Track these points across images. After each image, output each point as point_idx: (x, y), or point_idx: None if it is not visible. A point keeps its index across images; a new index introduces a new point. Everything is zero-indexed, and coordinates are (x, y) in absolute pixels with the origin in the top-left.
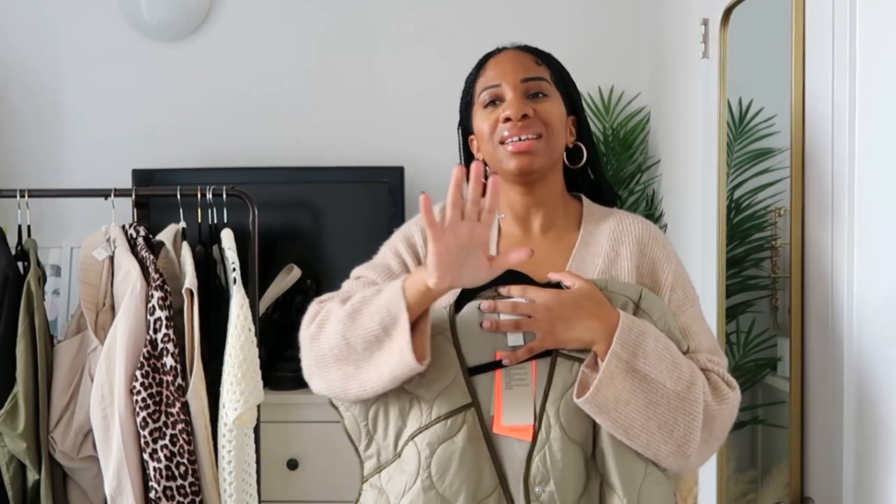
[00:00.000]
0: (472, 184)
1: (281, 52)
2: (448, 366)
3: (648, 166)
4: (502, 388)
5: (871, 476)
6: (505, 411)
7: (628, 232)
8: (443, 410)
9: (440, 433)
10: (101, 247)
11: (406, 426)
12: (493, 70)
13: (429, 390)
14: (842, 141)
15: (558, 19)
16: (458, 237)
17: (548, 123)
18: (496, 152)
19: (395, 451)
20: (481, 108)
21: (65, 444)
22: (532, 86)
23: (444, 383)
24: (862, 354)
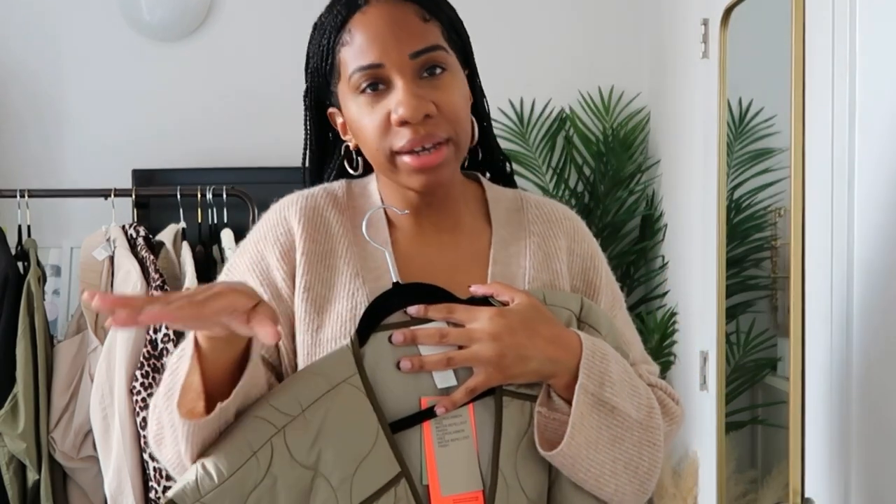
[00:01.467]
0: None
1: (281, 52)
2: (363, 425)
3: (648, 166)
4: (434, 446)
5: (871, 476)
6: (443, 477)
7: (554, 222)
8: (366, 491)
9: None
10: (101, 247)
11: None
12: (365, 37)
13: (340, 464)
14: (842, 141)
15: (558, 19)
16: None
17: (455, 119)
18: (389, 162)
19: None
20: (354, 92)
21: (65, 444)
22: (425, 60)
23: (362, 451)
24: (862, 354)
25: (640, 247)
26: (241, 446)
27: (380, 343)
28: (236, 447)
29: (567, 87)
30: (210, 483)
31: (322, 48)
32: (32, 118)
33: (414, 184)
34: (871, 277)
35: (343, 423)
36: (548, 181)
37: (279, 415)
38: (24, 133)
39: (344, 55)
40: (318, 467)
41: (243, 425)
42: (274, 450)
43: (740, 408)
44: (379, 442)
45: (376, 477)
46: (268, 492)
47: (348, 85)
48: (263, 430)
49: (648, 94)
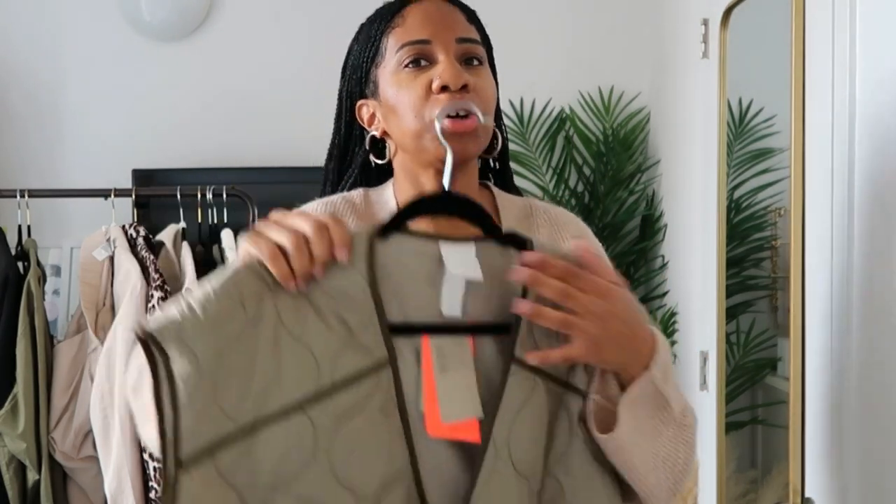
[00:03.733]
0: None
1: (281, 52)
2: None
3: (648, 166)
4: (435, 370)
5: (871, 476)
6: (444, 403)
7: (560, 228)
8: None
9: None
10: (101, 247)
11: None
12: (418, 20)
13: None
14: (842, 141)
15: (558, 19)
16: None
17: (486, 102)
18: (425, 131)
19: (254, 423)
20: (398, 68)
21: (65, 444)
22: (468, 49)
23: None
24: (861, 354)
25: (640, 247)
26: (231, 292)
27: (401, 242)
28: (226, 292)
29: (567, 87)
30: (192, 318)
31: (370, 36)
32: (32, 118)
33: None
34: (870, 278)
35: (338, 305)
36: (548, 181)
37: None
38: (24, 133)
39: (392, 37)
40: (303, 337)
41: (239, 274)
42: (263, 304)
43: (740, 408)
44: (371, 328)
45: (361, 360)
46: (248, 341)
47: (392, 64)
48: (257, 284)
49: (648, 94)
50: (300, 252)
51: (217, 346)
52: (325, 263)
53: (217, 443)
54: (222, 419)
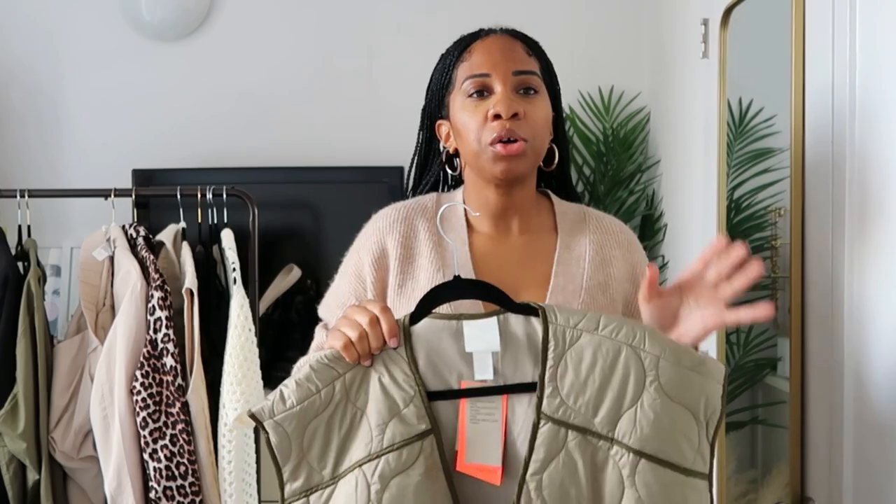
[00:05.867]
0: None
1: (281, 52)
2: (403, 384)
3: (648, 166)
4: (467, 420)
5: (871, 476)
6: (469, 447)
7: (611, 234)
8: (397, 437)
9: (393, 465)
10: (101, 247)
11: (349, 450)
12: (481, 56)
13: (380, 411)
14: (842, 141)
15: (558, 19)
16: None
17: (535, 128)
18: (480, 152)
19: (333, 475)
20: (464, 97)
21: (65, 444)
22: (524, 80)
23: (399, 405)
24: (862, 354)
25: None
26: (308, 384)
27: (432, 325)
28: (305, 384)
29: (567, 87)
30: (281, 407)
31: (444, 67)
32: (32, 118)
33: (496, 170)
34: (870, 278)
35: (390, 382)
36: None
37: (344, 364)
38: (24, 133)
39: (461, 69)
40: (364, 410)
41: (318, 367)
42: (335, 389)
43: (740, 408)
44: (415, 402)
45: (407, 428)
46: (324, 416)
47: (459, 91)
48: (329, 374)
49: (648, 94)
50: (361, 342)
51: (300, 423)
52: (379, 346)
53: (309, 489)
54: (311, 473)
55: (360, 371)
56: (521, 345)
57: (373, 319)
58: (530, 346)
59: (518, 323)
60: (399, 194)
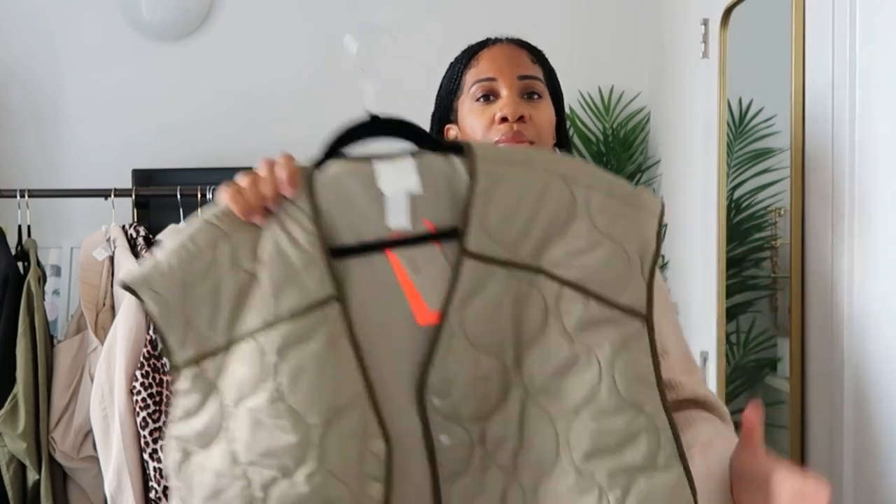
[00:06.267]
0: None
1: (281, 52)
2: (303, 245)
3: (648, 166)
4: (409, 273)
5: (871, 476)
6: (426, 295)
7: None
8: (294, 305)
9: (291, 335)
10: (101, 247)
11: (242, 316)
12: (488, 62)
13: (275, 274)
14: (842, 141)
15: (558, 19)
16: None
17: (540, 130)
18: None
19: (226, 340)
20: (471, 101)
21: (65, 444)
22: (528, 84)
23: (298, 268)
24: (862, 354)
25: None
26: (187, 245)
27: (340, 169)
28: (182, 245)
29: (567, 87)
30: (156, 272)
31: (453, 73)
32: (32, 118)
33: None
34: (871, 277)
35: (287, 241)
36: None
37: (228, 222)
38: (24, 133)
39: (469, 75)
40: (256, 273)
41: (199, 226)
42: (218, 249)
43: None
44: (316, 263)
45: (306, 294)
46: (207, 281)
47: (467, 96)
48: (211, 233)
49: (648, 94)
50: (253, 188)
51: (180, 289)
52: (274, 196)
53: (202, 355)
54: (201, 340)
55: (250, 230)
56: (441, 188)
57: (269, 165)
58: (450, 189)
59: (437, 163)
60: None
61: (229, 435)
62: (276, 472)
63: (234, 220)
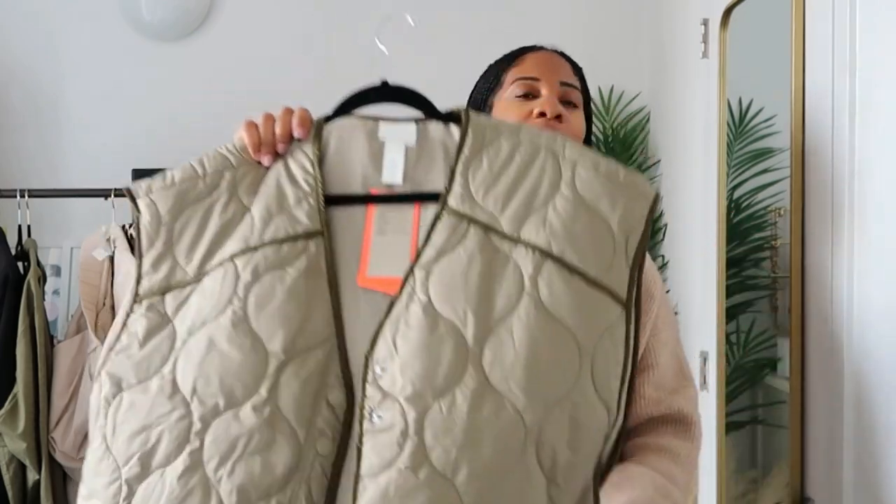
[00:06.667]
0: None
1: (281, 51)
2: (301, 184)
3: (648, 166)
4: (373, 232)
5: (871, 476)
6: (373, 260)
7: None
8: (280, 232)
9: (270, 258)
10: (101, 247)
11: (221, 247)
12: (533, 63)
13: (268, 206)
14: (842, 141)
15: (558, 19)
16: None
17: (573, 135)
18: None
19: (198, 273)
20: (510, 97)
21: (65, 444)
22: (568, 92)
23: (290, 203)
24: (862, 354)
25: None
26: (195, 166)
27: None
28: (191, 166)
29: None
30: (160, 184)
31: (493, 71)
32: (32, 118)
33: None
34: (871, 277)
35: (287, 180)
36: None
37: (239, 156)
38: (24, 133)
39: (510, 73)
40: (250, 206)
41: (211, 152)
42: (222, 177)
43: (740, 408)
44: (309, 199)
45: (289, 227)
46: (202, 205)
47: (506, 91)
48: (221, 162)
49: (648, 94)
50: (267, 125)
51: (175, 204)
52: (286, 136)
53: (168, 287)
54: (174, 268)
55: (255, 170)
56: (437, 153)
57: (287, 109)
58: (446, 155)
59: (437, 130)
60: None
61: (174, 366)
62: (221, 400)
63: (245, 156)
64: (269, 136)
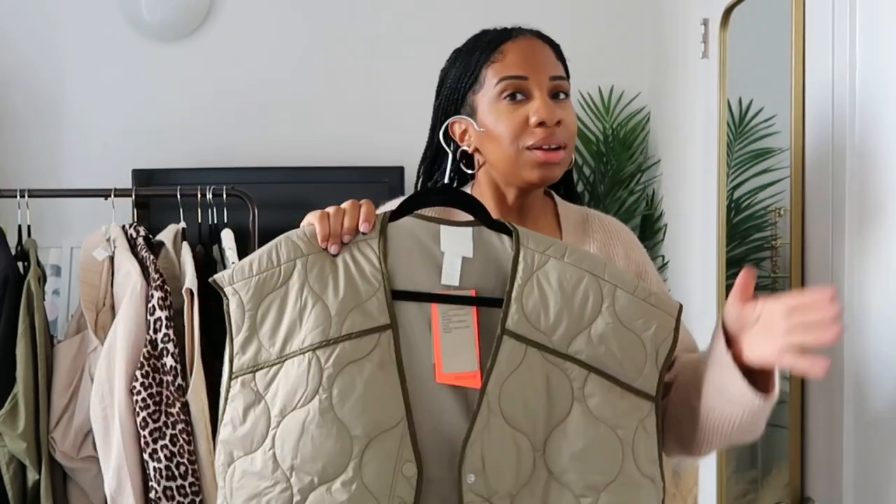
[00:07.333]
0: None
1: (281, 52)
2: (368, 280)
3: (648, 166)
4: (440, 330)
5: (871, 476)
6: (445, 357)
7: (613, 234)
8: (356, 327)
9: (350, 352)
10: (101, 247)
11: (301, 331)
12: (517, 58)
13: (341, 301)
14: (842, 141)
15: (558, 19)
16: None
17: (571, 134)
18: (518, 156)
19: (280, 355)
20: (496, 99)
21: (65, 444)
22: (558, 85)
23: (362, 298)
24: (862, 354)
25: None
26: (270, 255)
27: (410, 222)
28: (266, 254)
29: None
30: (241, 275)
31: (469, 65)
32: (33, 118)
33: (534, 176)
34: (870, 277)
35: (356, 273)
36: None
37: (309, 244)
38: (24, 133)
39: (492, 69)
40: (322, 296)
41: (284, 241)
42: (294, 266)
43: None
44: (377, 295)
45: (366, 320)
46: (279, 293)
47: (490, 92)
48: (293, 250)
49: (648, 94)
50: (336, 217)
51: (255, 293)
52: (352, 229)
53: (256, 365)
54: (260, 349)
55: (323, 257)
56: (491, 258)
57: (354, 204)
58: (498, 262)
59: (491, 237)
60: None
61: (273, 442)
62: (316, 478)
63: (314, 244)
64: (337, 227)
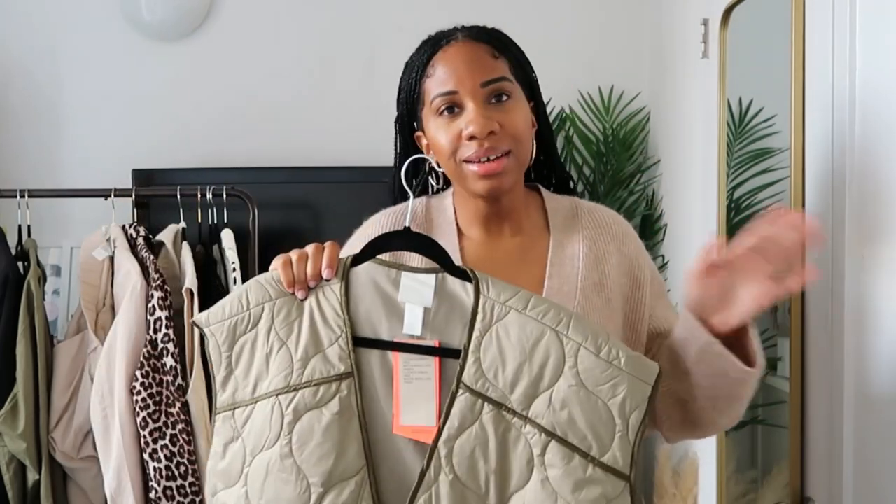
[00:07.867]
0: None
1: (281, 52)
2: (332, 325)
3: (648, 166)
4: (401, 380)
5: (871, 476)
6: (404, 408)
7: (604, 228)
8: (316, 374)
9: (308, 400)
10: (101, 247)
11: (268, 375)
12: (445, 70)
13: (305, 346)
14: (842, 141)
15: (558, 19)
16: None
17: (516, 136)
18: (459, 170)
19: (253, 396)
20: (435, 115)
21: (65, 444)
22: (493, 89)
23: (325, 343)
24: (862, 354)
25: None
26: (241, 299)
27: (372, 269)
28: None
29: (567, 87)
30: (217, 317)
31: (411, 81)
32: (32, 118)
33: (479, 188)
34: (870, 277)
35: (318, 320)
36: None
37: (276, 289)
38: (24, 133)
39: (427, 85)
40: (287, 341)
41: (253, 285)
42: (263, 310)
43: None
44: (340, 342)
45: (327, 368)
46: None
47: (430, 109)
48: (261, 294)
49: (648, 94)
50: (300, 264)
51: (228, 336)
52: (316, 276)
53: (234, 404)
54: (237, 389)
55: (290, 302)
56: (455, 307)
57: (318, 248)
58: (463, 311)
59: (455, 285)
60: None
61: (246, 480)
62: None
63: (281, 288)
64: (301, 274)
